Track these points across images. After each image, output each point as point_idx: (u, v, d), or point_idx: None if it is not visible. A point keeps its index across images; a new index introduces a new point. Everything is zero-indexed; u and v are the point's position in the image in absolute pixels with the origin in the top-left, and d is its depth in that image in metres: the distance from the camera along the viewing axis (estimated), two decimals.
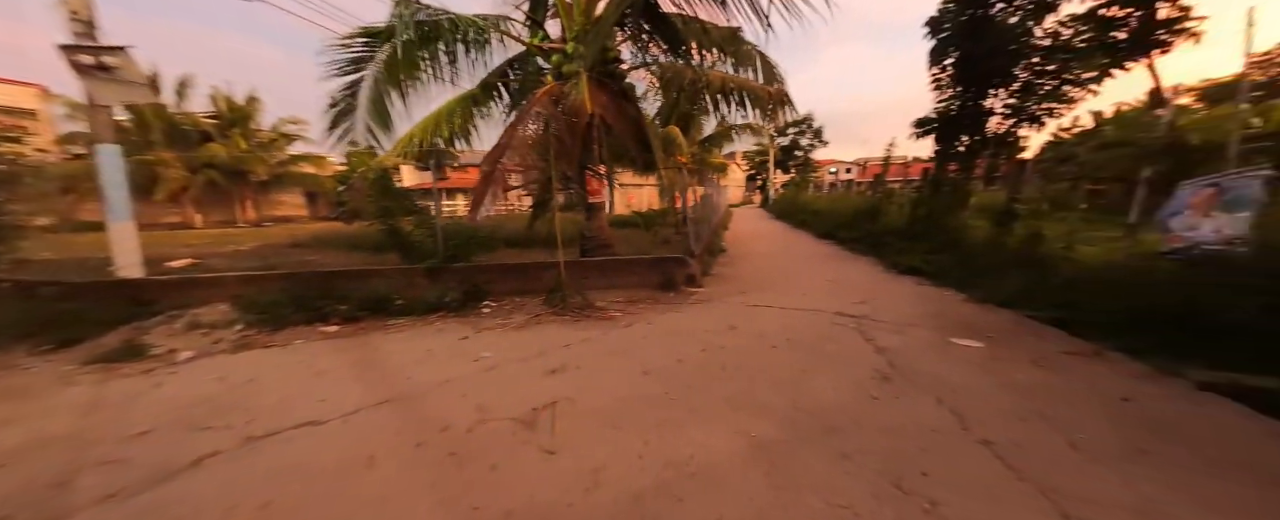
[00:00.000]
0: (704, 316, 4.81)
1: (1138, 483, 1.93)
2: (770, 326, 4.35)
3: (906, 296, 5.55)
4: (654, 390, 3.01)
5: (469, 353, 3.86)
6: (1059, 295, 4.59)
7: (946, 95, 8.33)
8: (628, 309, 5.14)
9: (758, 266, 8.24)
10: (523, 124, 5.36)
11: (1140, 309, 3.82)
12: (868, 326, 4.29)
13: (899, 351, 3.58)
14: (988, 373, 3.15)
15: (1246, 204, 3.38)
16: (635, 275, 6.12)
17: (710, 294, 5.87)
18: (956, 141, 8.27)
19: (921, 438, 2.35)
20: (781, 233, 14.80)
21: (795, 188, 25.32)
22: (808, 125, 37.06)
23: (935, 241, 7.58)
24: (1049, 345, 3.72)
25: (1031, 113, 7.37)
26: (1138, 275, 4.07)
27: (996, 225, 6.45)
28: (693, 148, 14.70)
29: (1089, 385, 2.93)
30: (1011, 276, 5.17)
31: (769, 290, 6.09)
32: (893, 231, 9.14)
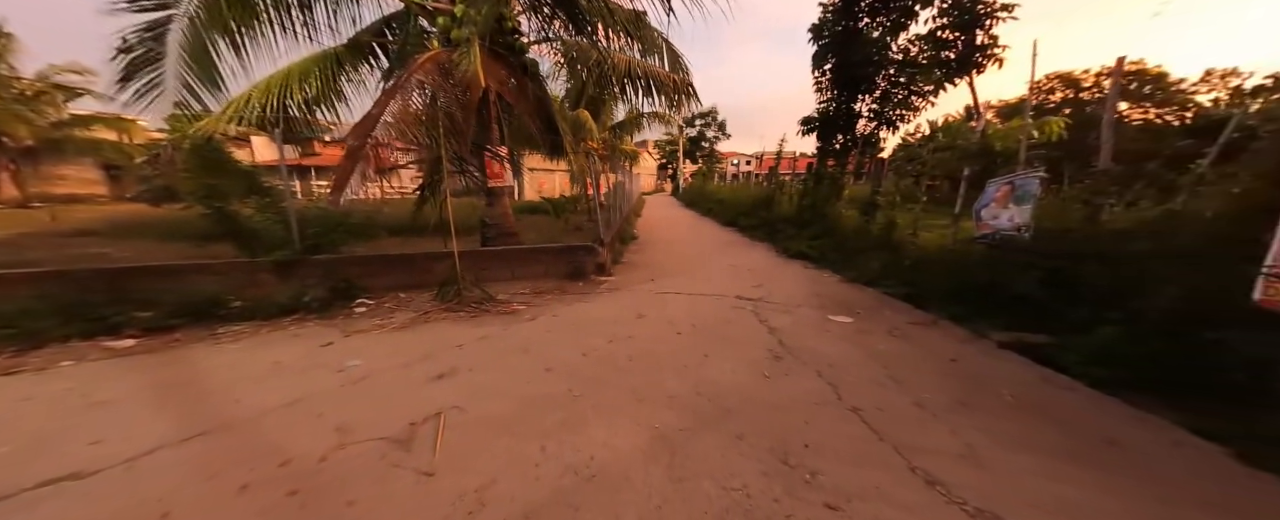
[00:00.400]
0: (613, 305, 4.73)
1: (963, 431, 2.32)
2: (677, 313, 4.43)
3: (795, 279, 6.12)
4: (556, 388, 2.83)
5: (332, 362, 3.24)
6: (907, 274, 5.46)
7: (826, 97, 9.30)
8: (533, 301, 4.84)
9: (667, 253, 8.44)
10: (402, 94, 4.62)
11: (960, 284, 4.69)
12: (763, 309, 4.61)
13: (788, 331, 3.89)
14: (856, 345, 3.58)
15: (1030, 198, 4.33)
16: (542, 265, 5.80)
17: (620, 282, 5.82)
18: (834, 139, 9.31)
19: (805, 411, 2.55)
20: (690, 220, 15.44)
21: (702, 177, 26.66)
22: (712, 118, 39.13)
23: (818, 229, 8.50)
24: (900, 317, 4.37)
25: (888, 117, 8.58)
26: (958, 257, 5.00)
27: (863, 214, 7.45)
28: (604, 133, 14.44)
29: (927, 350, 3.48)
30: (873, 259, 6.01)
31: (677, 276, 6.25)
32: (785, 219, 10.07)
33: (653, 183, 46.93)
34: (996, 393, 2.76)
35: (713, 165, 36.69)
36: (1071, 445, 2.20)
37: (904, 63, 8.20)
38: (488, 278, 5.38)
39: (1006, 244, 4.47)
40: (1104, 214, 3.70)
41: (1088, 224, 3.76)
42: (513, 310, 4.50)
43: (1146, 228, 3.30)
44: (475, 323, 4.14)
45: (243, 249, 4.73)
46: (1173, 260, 3.05)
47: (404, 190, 6.78)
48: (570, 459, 2.13)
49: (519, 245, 6.28)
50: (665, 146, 41.52)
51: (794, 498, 1.85)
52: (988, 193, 4.83)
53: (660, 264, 7.25)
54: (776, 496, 1.86)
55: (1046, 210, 4.23)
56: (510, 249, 5.88)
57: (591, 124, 12.08)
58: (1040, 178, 4.29)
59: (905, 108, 8.40)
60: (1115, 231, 3.50)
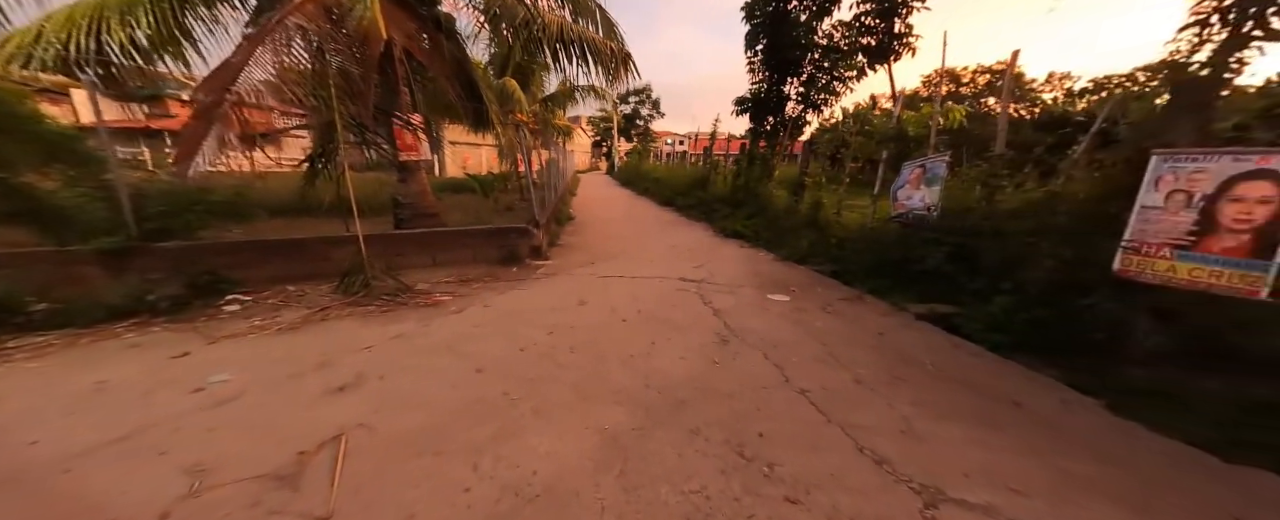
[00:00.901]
0: (551, 292, 4.37)
1: (898, 405, 2.42)
2: (621, 298, 4.21)
3: (733, 259, 6.21)
4: (489, 392, 2.49)
5: (186, 378, 2.55)
6: (834, 252, 5.78)
7: (758, 79, 9.43)
8: (459, 290, 4.30)
9: (606, 234, 8.15)
10: (275, 41, 3.68)
11: (880, 260, 5.05)
12: (706, 290, 4.57)
13: (732, 312, 3.87)
14: (796, 323, 3.66)
15: (938, 180, 4.73)
16: (468, 249, 5.21)
17: (558, 266, 5.44)
18: (765, 121, 9.54)
19: (756, 396, 2.50)
20: (627, 199, 15.18)
21: (638, 156, 26.35)
22: (647, 96, 38.65)
23: (751, 208, 8.74)
24: (831, 293, 4.60)
25: (813, 100, 8.94)
26: (877, 235, 5.39)
27: (792, 195, 7.77)
28: (534, 106, 13.41)
29: (858, 325, 3.67)
30: (803, 238, 6.29)
31: (618, 259, 6.01)
32: (719, 199, 10.24)
33: (587, 160, 45.66)
34: (920, 364, 2.95)
35: (648, 144, 36.49)
36: (986, 410, 2.40)
37: (828, 48, 8.52)
38: (404, 265, 4.69)
39: (918, 223, 4.85)
40: (998, 195, 4.14)
41: (985, 204, 4.18)
42: (435, 302, 3.95)
43: (1031, 207, 3.73)
44: (388, 318, 3.56)
45: (47, 235, 3.56)
46: (1051, 236, 3.47)
47: (292, 161, 5.56)
48: (508, 477, 1.84)
49: (441, 227, 5.57)
50: (599, 123, 40.34)
51: (754, 495, 1.77)
52: (903, 175, 5.19)
53: (599, 246, 6.95)
54: (736, 495, 1.77)
55: (951, 192, 4.63)
56: (431, 232, 5.17)
57: (520, 95, 11.10)
58: (947, 161, 4.66)
59: (828, 92, 8.81)
60: (1007, 211, 3.92)
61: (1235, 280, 2.52)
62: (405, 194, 5.82)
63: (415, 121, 5.61)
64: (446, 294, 4.15)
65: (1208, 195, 2.69)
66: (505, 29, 5.88)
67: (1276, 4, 2.67)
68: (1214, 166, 2.68)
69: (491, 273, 4.93)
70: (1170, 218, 2.82)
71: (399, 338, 3.20)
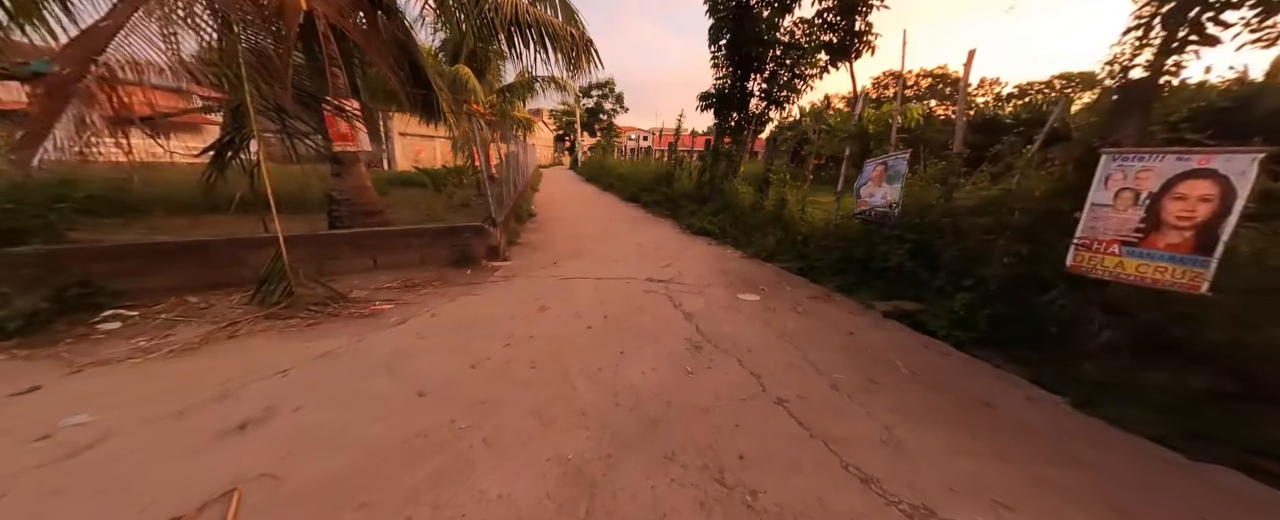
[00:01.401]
0: (509, 297, 4.00)
1: (877, 413, 2.32)
2: (585, 302, 3.92)
3: (701, 256, 6.06)
4: (433, 421, 2.15)
5: (32, 422, 2.02)
6: (799, 249, 5.78)
7: (722, 74, 9.33)
8: (403, 298, 3.84)
9: (570, 232, 7.78)
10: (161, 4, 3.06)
11: (844, 257, 5.07)
12: (675, 291, 4.37)
13: (703, 315, 3.69)
14: (768, 325, 3.53)
15: (899, 177, 4.78)
16: (415, 251, 4.71)
17: (518, 267, 5.06)
18: (729, 117, 9.48)
19: (734, 410, 2.32)
20: (591, 196, 14.79)
21: (602, 151, 25.88)
22: (610, 89, 38.06)
23: (717, 205, 8.67)
24: (799, 292, 4.54)
25: (775, 97, 8.97)
26: (842, 232, 5.42)
27: (757, 191, 7.76)
28: (491, 96, 12.69)
29: (828, 324, 3.60)
30: (769, 235, 6.25)
31: (582, 258, 5.70)
32: (685, 195, 10.12)
33: (550, 155, 44.51)
34: (892, 365, 2.90)
35: (612, 139, 35.99)
36: (961, 413, 2.35)
37: (789, 45, 8.54)
38: (338, 270, 4.15)
39: (881, 220, 4.89)
40: (957, 193, 4.22)
41: (944, 202, 4.25)
42: (373, 311, 3.49)
43: (988, 205, 3.81)
44: (314, 333, 3.07)
45: None
46: (1007, 233, 3.54)
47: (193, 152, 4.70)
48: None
49: (384, 227, 5.01)
50: (562, 117, 39.32)
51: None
52: (866, 172, 5.22)
53: (563, 244, 6.60)
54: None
55: (912, 189, 4.69)
56: (369, 231, 4.62)
57: (474, 83, 10.41)
58: (907, 159, 4.71)
59: (790, 89, 8.85)
60: (965, 208, 3.99)
61: (1178, 275, 2.61)
62: (341, 189, 5.20)
63: (350, 108, 5.00)
64: (387, 302, 3.69)
65: (1153, 193, 2.77)
66: (455, 8, 5.37)
67: (1211, 8, 2.79)
68: (1159, 166, 2.76)
69: (442, 276, 4.47)
70: (1119, 215, 2.90)
71: (325, 357, 2.75)
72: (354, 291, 3.81)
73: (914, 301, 3.94)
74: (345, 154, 5.16)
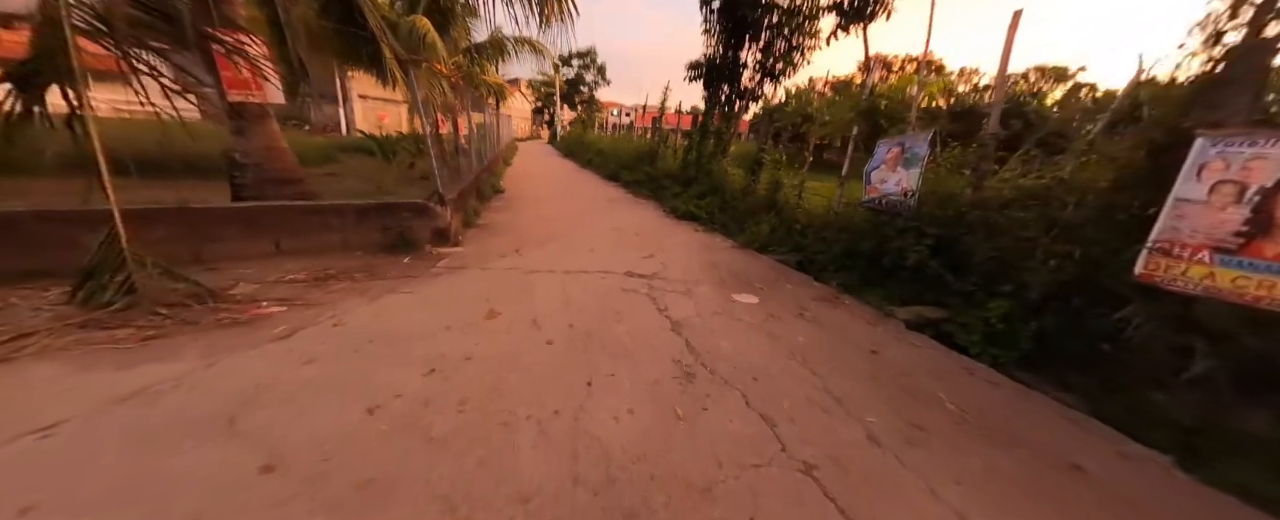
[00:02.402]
0: (450, 297, 3.14)
1: (940, 485, 1.66)
2: (547, 304, 3.11)
3: (687, 245, 5.31)
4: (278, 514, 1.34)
5: None
6: (797, 239, 5.11)
7: (713, 41, 8.36)
8: (307, 295, 2.92)
9: (540, 212, 6.85)
10: None
11: (850, 251, 4.43)
12: (659, 289, 3.61)
13: (694, 324, 2.95)
14: (773, 339, 2.84)
15: (918, 161, 4.12)
16: (337, 232, 3.74)
17: (471, 255, 4.16)
18: (719, 90, 8.58)
19: (745, 486, 1.61)
20: (568, 172, 13.69)
21: (582, 126, 24.37)
22: (592, 60, 35.90)
23: (704, 186, 7.88)
24: (802, 292, 3.87)
25: (771, 69, 8.11)
26: (846, 222, 4.77)
27: (748, 174, 7.00)
28: (457, 57, 11.21)
29: (845, 339, 2.94)
30: (763, 222, 5.54)
31: (551, 244, 4.84)
32: (669, 176, 9.27)
33: (528, 128, 42.27)
34: (935, 399, 2.26)
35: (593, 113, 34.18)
36: (1045, 482, 1.73)
37: (789, 10, 7.63)
38: (225, 256, 3.17)
39: (894, 209, 4.24)
40: (989, 182, 3.59)
41: (972, 192, 3.62)
42: (254, 317, 2.56)
43: (1030, 197, 3.19)
44: (142, 354, 2.14)
45: None
46: (1054, 231, 2.93)
47: None
48: None
49: (300, 200, 3.97)
50: (541, 88, 37.02)
51: None
52: (878, 154, 4.52)
53: (530, 227, 5.70)
54: None
55: (933, 176, 4.04)
56: (271, 207, 3.58)
57: (435, 38, 9.02)
58: (929, 140, 4.03)
59: (786, 61, 8.00)
60: (1000, 201, 3.36)
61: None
62: (246, 152, 4.10)
63: (250, 49, 3.86)
64: (281, 302, 2.76)
65: (1266, 189, 2.16)
66: None
67: None
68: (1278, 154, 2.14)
69: (369, 266, 3.54)
70: (1214, 214, 2.29)
71: (135, 399, 1.84)
72: (238, 287, 2.86)
73: (936, 308, 3.33)
74: (248, 106, 4.04)
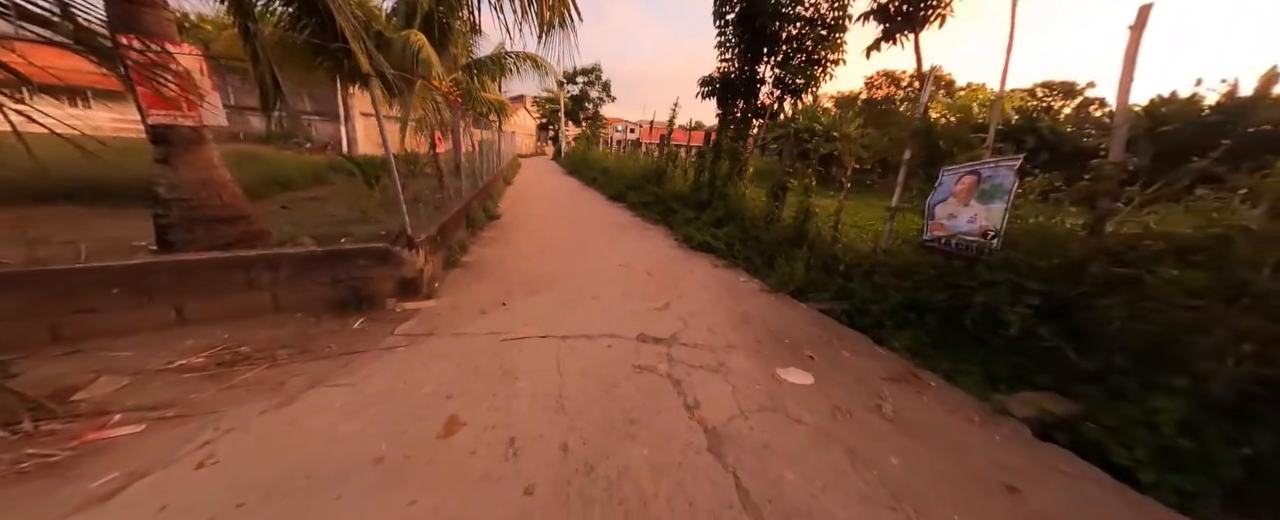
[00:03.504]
0: (400, 390, 2.26)
1: None
2: (534, 403, 2.23)
3: (708, 287, 4.43)
4: None
5: None
6: (840, 283, 4.22)
7: (728, 55, 7.67)
8: (192, 396, 2.04)
9: (537, 242, 6.02)
10: None
11: (908, 302, 3.55)
12: (681, 365, 2.73)
13: (739, 439, 2.05)
14: (853, 459, 1.94)
15: (1002, 195, 3.27)
16: (268, 290, 2.89)
17: (444, 312, 3.30)
18: (734, 107, 7.84)
19: None
20: (571, 191, 12.94)
21: (586, 142, 23.80)
22: (597, 77, 35.69)
23: (720, 211, 7.06)
24: (868, 364, 2.97)
25: (791, 84, 7.36)
26: (899, 263, 3.88)
27: (771, 198, 6.16)
28: (455, 73, 10.60)
29: (956, 459, 2.03)
30: (796, 260, 4.66)
31: (547, 290, 3.99)
32: (679, 198, 8.48)
33: (532, 144, 42.07)
34: None
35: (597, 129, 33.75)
36: None
37: (811, 20, 6.91)
38: (100, 330, 2.33)
39: (970, 253, 3.36)
40: (1117, 223, 2.72)
41: (1092, 237, 2.74)
42: (85, 445, 1.69)
43: (1195, 249, 2.31)
44: None
45: None
46: (1249, 301, 2.04)
47: None
48: None
49: (227, 251, 3.13)
50: (545, 104, 36.81)
51: None
52: (944, 184, 3.66)
53: (524, 264, 4.85)
54: None
55: (1023, 213, 3.18)
56: (175, 263, 2.73)
57: (430, 53, 8.38)
58: (1016, 168, 3.18)
59: (807, 76, 7.25)
60: (1146, 252, 2.48)
61: None
62: (171, 184, 3.30)
63: (177, 63, 3.10)
64: (143, 415, 1.88)
65: None
66: None
67: None
68: None
69: (304, 337, 2.68)
70: None
71: None
72: (94, 385, 1.99)
73: (1060, 396, 2.43)
74: (177, 130, 3.27)
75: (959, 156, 3.70)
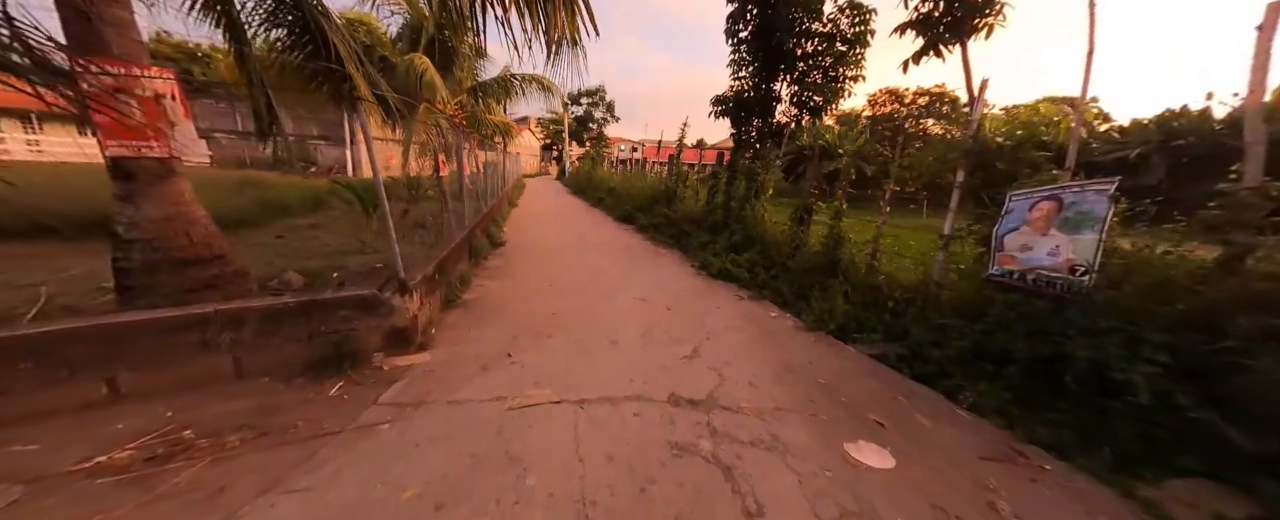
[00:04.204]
0: (376, 498, 1.74)
1: None
2: (548, 509, 1.70)
3: (739, 328, 3.90)
4: None
5: None
6: (889, 322, 3.69)
7: (742, 73, 7.35)
8: (112, 508, 1.54)
9: (544, 275, 5.55)
10: None
11: (975, 348, 3.01)
12: (726, 438, 2.19)
13: None
14: None
15: (1094, 224, 2.78)
16: (228, 352, 2.40)
17: (439, 369, 2.79)
18: (749, 125, 7.48)
19: None
20: (578, 213, 12.57)
21: (591, 162, 23.65)
22: (600, 97, 36.01)
23: (737, 235, 6.59)
24: (954, 437, 2.41)
25: (810, 102, 6.99)
26: (962, 301, 3.36)
27: (796, 222, 5.68)
28: (460, 96, 10.39)
29: None
30: (832, 292, 4.15)
31: (558, 333, 3.48)
32: (692, 220, 8.04)
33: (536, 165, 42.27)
34: None
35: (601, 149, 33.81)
36: None
37: (828, 35, 6.59)
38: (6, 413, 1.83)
39: (1050, 291, 2.85)
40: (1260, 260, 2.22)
41: (1235, 280, 2.22)
42: None
43: None
44: None
45: None
46: None
47: None
48: None
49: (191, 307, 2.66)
50: (549, 125, 37.08)
51: None
52: (1015, 211, 3.17)
53: (531, 301, 4.36)
54: None
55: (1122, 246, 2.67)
56: (103, 328, 2.22)
57: (434, 76, 8.14)
58: (1111, 193, 2.69)
59: (828, 93, 6.88)
60: None
61: None
62: (132, 222, 2.86)
63: (151, 85, 2.73)
64: None
65: None
66: None
67: None
68: None
69: (266, 411, 2.17)
70: None
71: None
72: None
73: (1214, 483, 1.86)
74: (142, 162, 2.86)
75: (1028, 179, 3.22)
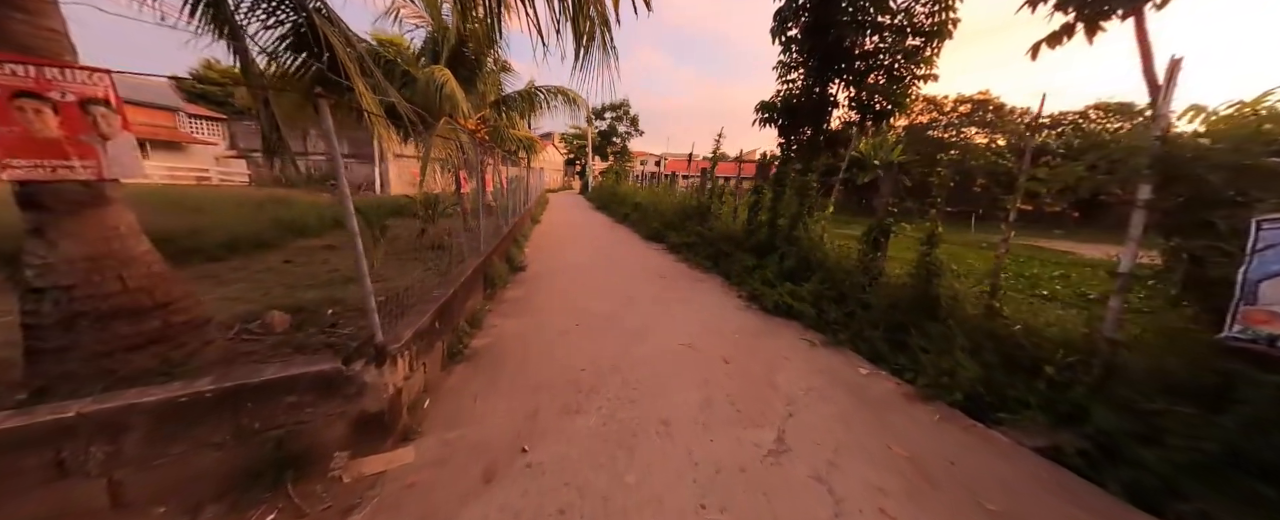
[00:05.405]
0: None
1: None
2: None
3: (824, 393, 2.89)
4: None
5: None
6: (1048, 395, 2.61)
7: (791, 77, 6.46)
8: None
9: (570, 308, 4.69)
10: None
11: (1238, 451, 1.92)
12: None
13: None
14: None
15: None
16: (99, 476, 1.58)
17: (423, 478, 1.93)
18: (800, 134, 6.53)
19: None
20: (603, 230, 11.81)
21: (615, 177, 23.08)
22: (625, 112, 35.76)
23: (790, 260, 5.58)
24: None
25: (874, 106, 6.00)
26: (1191, 381, 2.27)
27: (870, 246, 4.65)
28: (484, 110, 9.91)
29: None
30: (950, 345, 3.09)
31: (587, 407, 2.58)
32: (731, 239, 7.08)
33: (560, 179, 42.35)
34: None
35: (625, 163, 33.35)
36: None
37: (900, 29, 5.62)
38: None
39: None
40: None
41: None
42: None
43: None
44: None
45: None
46: None
47: None
48: None
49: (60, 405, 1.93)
50: (572, 140, 37.07)
51: None
52: (1277, 246, 2.09)
53: (554, 349, 3.48)
54: None
55: None
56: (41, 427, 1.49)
57: (454, 89, 7.62)
58: None
59: (897, 96, 5.88)
60: None
61: None
62: (46, 265, 2.17)
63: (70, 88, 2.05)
64: None
65: None
66: None
67: None
68: None
69: None
70: None
71: None
72: None
73: None
74: (56, 188, 2.18)
75: (1269, 199, 2.13)
